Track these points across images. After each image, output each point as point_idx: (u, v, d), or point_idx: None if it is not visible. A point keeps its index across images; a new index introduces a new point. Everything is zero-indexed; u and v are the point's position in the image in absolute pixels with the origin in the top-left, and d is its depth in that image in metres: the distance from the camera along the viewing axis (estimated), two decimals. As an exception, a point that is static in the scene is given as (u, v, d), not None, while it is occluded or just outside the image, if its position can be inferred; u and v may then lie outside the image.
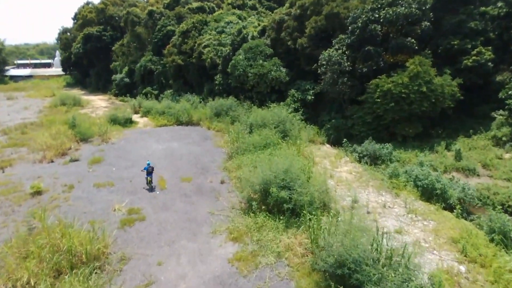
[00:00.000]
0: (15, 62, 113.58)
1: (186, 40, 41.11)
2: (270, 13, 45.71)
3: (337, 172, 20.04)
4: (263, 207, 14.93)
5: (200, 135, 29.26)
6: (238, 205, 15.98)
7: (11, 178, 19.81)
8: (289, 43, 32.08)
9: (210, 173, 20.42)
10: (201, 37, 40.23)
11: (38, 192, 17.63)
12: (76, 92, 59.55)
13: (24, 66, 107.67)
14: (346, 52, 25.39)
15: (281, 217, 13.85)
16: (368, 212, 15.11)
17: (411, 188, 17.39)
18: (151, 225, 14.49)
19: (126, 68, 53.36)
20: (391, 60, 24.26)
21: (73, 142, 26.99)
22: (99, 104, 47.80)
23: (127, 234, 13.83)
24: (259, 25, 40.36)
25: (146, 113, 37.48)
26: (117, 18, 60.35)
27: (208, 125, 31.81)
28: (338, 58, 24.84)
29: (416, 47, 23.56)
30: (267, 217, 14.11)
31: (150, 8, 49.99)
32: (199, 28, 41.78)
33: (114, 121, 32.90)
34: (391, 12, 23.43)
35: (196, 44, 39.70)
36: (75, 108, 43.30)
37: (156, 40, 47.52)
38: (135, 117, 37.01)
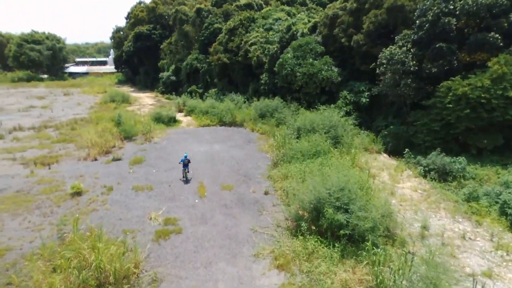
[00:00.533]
0: (75, 59, 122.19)
1: (232, 38, 39.93)
2: (321, 9, 43.04)
3: (399, 188, 17.29)
4: (313, 227, 12.88)
5: (244, 138, 27.74)
6: (284, 223, 14.04)
7: (55, 176, 19.72)
8: (342, 40, 29.39)
9: (253, 181, 18.69)
10: (248, 35, 38.79)
11: (78, 193, 17.15)
12: (125, 89, 61.51)
13: (83, 63, 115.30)
14: (411, 49, 22.23)
15: (336, 244, 11.67)
16: (443, 244, 12.37)
17: (497, 215, 14.22)
18: (187, 240, 13.07)
19: (173, 66, 53.76)
20: (467, 59, 20.74)
21: (117, 140, 26.86)
22: (146, 102, 48.52)
23: (161, 249, 12.53)
24: (309, 21, 38.00)
25: (189, 112, 36.92)
26: (166, 16, 61.31)
27: (252, 126, 30.22)
28: (402, 56, 21.80)
29: (501, 44, 19.82)
30: (319, 242, 12.00)
31: (198, 6, 49.71)
32: (246, 25, 40.38)
33: (158, 119, 32.59)
34: (470, 3, 19.93)
35: (242, 42, 38.34)
36: (123, 105, 44.24)
37: (202, 38, 47.06)
38: (179, 116, 36.63)
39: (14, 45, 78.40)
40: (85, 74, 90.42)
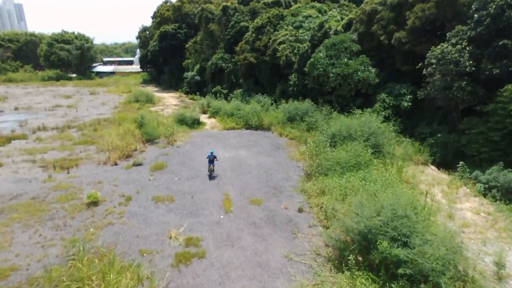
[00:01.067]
0: (103, 59, 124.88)
1: (260, 36, 38.06)
2: (354, 5, 40.39)
3: (457, 210, 14.75)
4: (360, 258, 10.75)
5: (271, 143, 25.78)
6: (324, 251, 11.96)
7: (73, 182, 18.57)
8: (381, 38, 26.80)
9: (284, 195, 16.69)
10: (276, 33, 36.78)
11: (94, 203, 15.81)
12: (150, 89, 61.16)
13: (110, 63, 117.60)
14: (467, 48, 19.47)
15: (393, 285, 9.47)
16: (528, 290, 9.88)
17: None
18: (211, 268, 11.26)
19: (197, 66, 52.64)
20: (537, 58, 17.79)
21: (139, 143, 25.69)
22: (169, 102, 47.60)
23: (181, 277, 10.79)
24: (342, 18, 35.51)
25: (214, 114, 35.41)
26: (192, 16, 60.36)
27: (280, 131, 28.21)
28: (456, 55, 19.10)
29: None
30: (370, 280, 9.86)
31: (224, 4, 48.23)
32: (275, 23, 38.38)
33: (181, 121, 31.24)
34: (543, -7, 17.03)
35: (270, 41, 36.39)
36: (147, 105, 43.47)
37: (228, 37, 45.53)
38: (203, 117, 35.22)
39: (45, 45, 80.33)
40: (112, 73, 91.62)
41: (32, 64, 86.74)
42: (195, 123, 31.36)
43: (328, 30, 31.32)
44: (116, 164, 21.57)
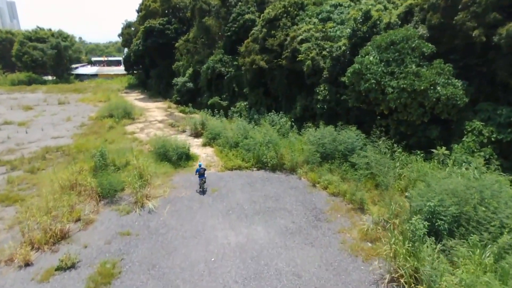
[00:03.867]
0: (92, 59, 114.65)
1: (273, 32, 28.12)
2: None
3: None
4: None
5: (304, 204, 15.79)
6: None
7: None
8: (473, 33, 17.01)
9: None
10: (296, 28, 26.86)
11: None
12: (134, 96, 51.29)
13: (98, 63, 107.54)
14: None
15: None
16: None
17: None
18: None
19: (190, 70, 42.61)
20: None
21: (89, 201, 15.85)
22: (154, 116, 37.46)
23: None
24: (385, 8, 25.75)
25: (211, 140, 25.38)
26: (183, 9, 50.22)
27: (312, 177, 18.19)
28: None
29: None
30: None
31: (223, -8, 38.22)
32: (293, 14, 28.46)
33: (163, 156, 21.28)
34: None
35: (288, 38, 26.47)
36: (123, 121, 33.45)
37: (229, 33, 35.56)
38: (195, 144, 25.37)
39: (17, 43, 70.00)
40: (95, 76, 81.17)
41: (3, 64, 76.19)
42: (183, 159, 21.37)
43: (377, 23, 21.43)
44: (28, 264, 11.65)
